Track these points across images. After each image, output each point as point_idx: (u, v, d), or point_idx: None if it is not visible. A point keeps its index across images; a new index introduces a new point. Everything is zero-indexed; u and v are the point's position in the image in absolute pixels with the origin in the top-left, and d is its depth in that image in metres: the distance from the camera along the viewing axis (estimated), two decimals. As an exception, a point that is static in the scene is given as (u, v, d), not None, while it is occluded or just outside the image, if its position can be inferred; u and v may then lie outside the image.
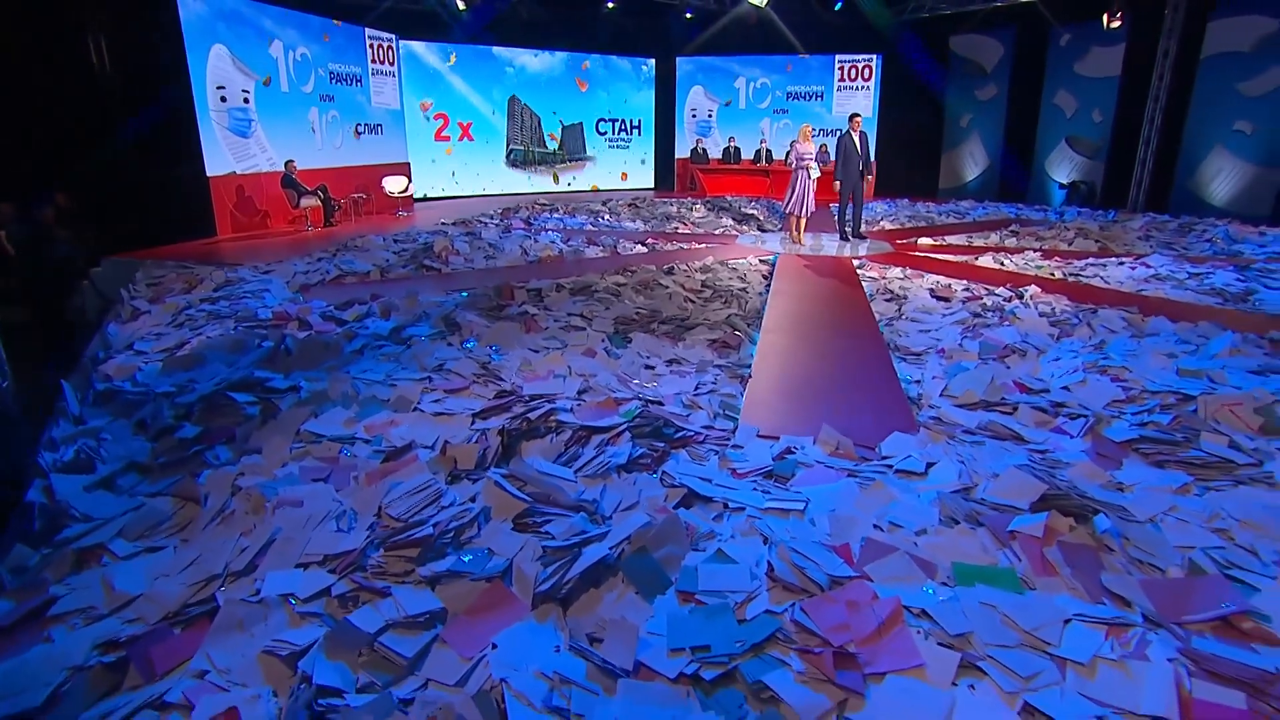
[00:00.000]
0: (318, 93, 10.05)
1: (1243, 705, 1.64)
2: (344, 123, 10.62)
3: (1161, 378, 3.96)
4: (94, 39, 6.99)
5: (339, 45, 10.47)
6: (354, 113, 10.86)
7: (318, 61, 10.05)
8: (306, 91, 9.85)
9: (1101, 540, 2.31)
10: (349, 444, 3.01)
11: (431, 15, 11.79)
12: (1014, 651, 1.82)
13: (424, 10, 11.73)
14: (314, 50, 9.96)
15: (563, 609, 2.03)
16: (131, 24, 7.26)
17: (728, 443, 3.16)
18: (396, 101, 11.86)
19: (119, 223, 6.75)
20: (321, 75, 10.11)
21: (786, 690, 1.69)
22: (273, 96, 9.16)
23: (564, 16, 13.27)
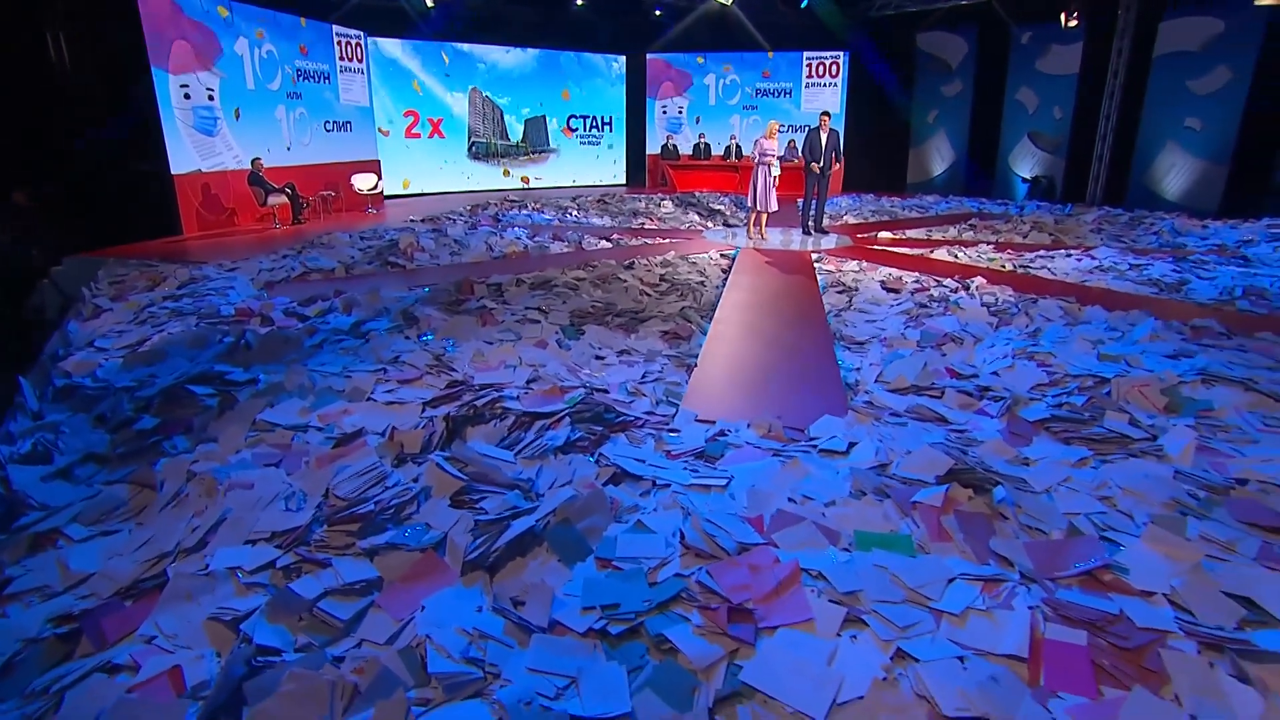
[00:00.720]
0: (284, 90, 10.07)
1: (1083, 641, 1.84)
2: (312, 120, 10.64)
3: (1083, 362, 4.20)
4: (53, 36, 6.97)
5: (306, 42, 10.47)
6: (322, 110, 10.87)
7: (285, 59, 10.06)
8: (273, 89, 9.86)
9: (997, 509, 2.51)
10: (302, 431, 3.15)
11: (400, 12, 11.81)
12: (897, 606, 2.02)
13: (392, 7, 11.74)
14: (281, 47, 9.98)
15: (489, 575, 2.19)
16: (91, 21, 7.24)
17: (666, 427, 3.34)
18: (366, 99, 11.88)
19: (81, 221, 6.76)
20: (288, 73, 10.12)
21: (684, 642, 1.87)
22: (238, 94, 9.17)
23: (533, 13, 13.33)
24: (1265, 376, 3.97)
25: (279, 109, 9.97)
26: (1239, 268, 6.89)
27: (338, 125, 11.19)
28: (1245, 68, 10.71)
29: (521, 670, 1.80)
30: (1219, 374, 3.92)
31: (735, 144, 14.08)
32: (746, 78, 15.29)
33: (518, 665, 1.82)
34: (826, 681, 1.74)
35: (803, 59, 14.84)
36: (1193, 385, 3.88)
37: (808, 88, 14.92)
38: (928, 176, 15.17)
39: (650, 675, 1.78)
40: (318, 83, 10.71)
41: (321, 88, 10.81)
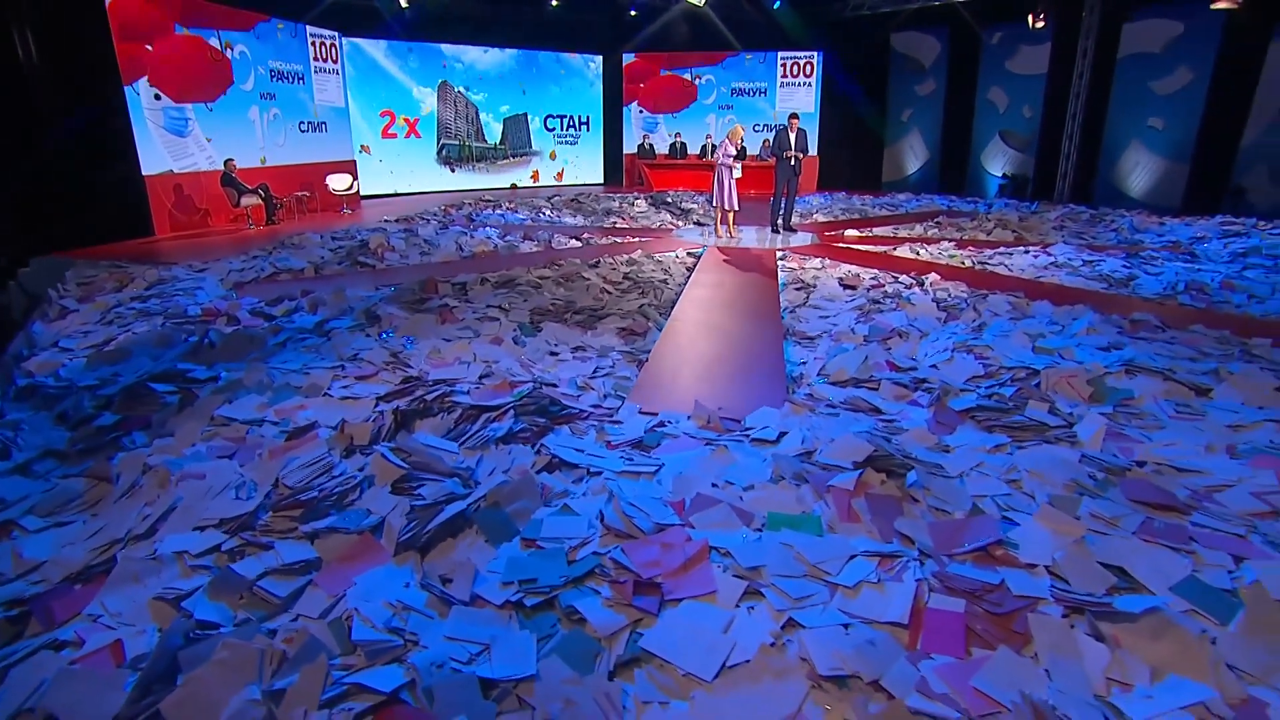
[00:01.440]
0: (258, 90, 10.13)
1: (960, 609, 2.01)
2: (286, 120, 10.69)
3: (1019, 355, 4.39)
4: (20, 36, 6.98)
5: (280, 43, 10.52)
6: (296, 111, 10.93)
7: (258, 59, 10.11)
8: (246, 89, 9.92)
9: (908, 492, 2.68)
10: (258, 426, 3.27)
11: (374, 12, 11.86)
12: (796, 580, 2.17)
13: (366, 6, 11.79)
14: (253, 48, 10.03)
15: (421, 555, 2.33)
16: (59, 23, 7.26)
17: (609, 419, 3.49)
18: (341, 99, 11.95)
19: (50, 223, 6.81)
20: (262, 73, 10.18)
21: (592, 613, 2.02)
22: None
23: (509, 13, 13.41)
24: (1185, 367, 4.18)
25: (252, 110, 10.02)
26: (1185, 264, 7.13)
27: (312, 126, 11.25)
28: (1204, 69, 11.01)
29: (439, 638, 1.95)
30: (1142, 365, 4.12)
31: (710, 143, 14.26)
32: (722, 77, 15.47)
33: (437, 634, 1.97)
34: (719, 647, 1.90)
35: (777, 59, 15.03)
36: (1117, 376, 4.07)
37: (783, 87, 15.12)
38: (903, 174, 15.43)
39: (558, 642, 1.93)
40: (292, 83, 10.77)
41: (295, 88, 10.87)
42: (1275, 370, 4.10)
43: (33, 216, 6.79)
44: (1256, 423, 3.51)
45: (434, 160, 13.85)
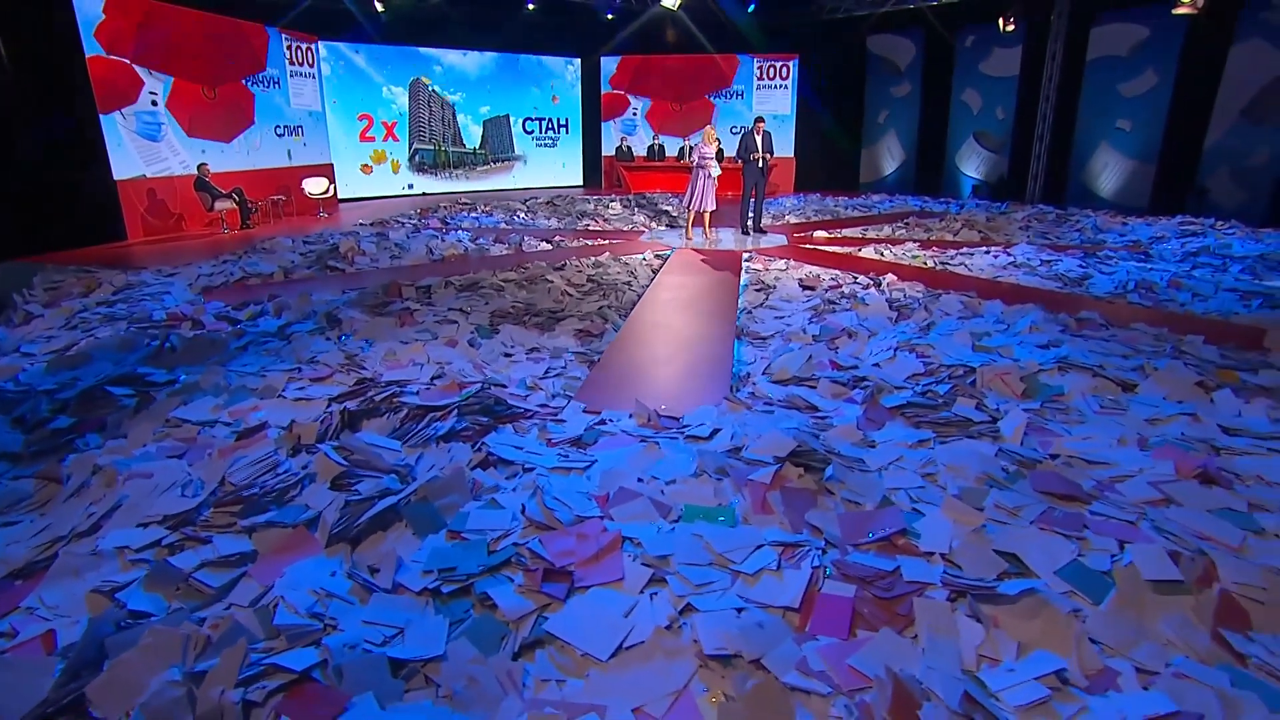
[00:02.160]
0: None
1: (850, 595, 2.14)
2: (262, 125, 10.74)
3: (959, 353, 4.53)
4: None
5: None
6: (272, 115, 10.99)
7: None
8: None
9: (824, 485, 2.82)
10: (209, 427, 3.38)
11: (349, 15, 11.90)
12: (701, 568, 2.30)
13: (341, 10, 11.82)
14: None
15: (351, 546, 2.45)
16: (25, 30, 7.31)
17: (554, 417, 3.61)
18: (317, 103, 12.02)
19: (20, 228, 6.87)
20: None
21: (503, 598, 2.14)
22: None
23: (486, 16, 13.46)
24: (1116, 364, 4.34)
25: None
26: (1139, 263, 7.31)
27: (289, 130, 11.31)
28: (1168, 71, 11.24)
29: (357, 623, 2.07)
30: (1073, 362, 4.27)
31: (689, 145, 14.41)
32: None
33: (355, 619, 2.09)
34: (617, 630, 2.03)
35: (754, 62, 15.18)
36: (1050, 373, 4.23)
37: (759, 89, 15.27)
38: (880, 175, 15.61)
39: (468, 626, 2.06)
40: (267, 88, 10.83)
41: (272, 93, 10.93)
42: (1200, 366, 4.27)
43: (2, 222, 6.85)
44: (1172, 416, 3.68)
45: (413, 162, 13.88)
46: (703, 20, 13.69)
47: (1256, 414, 3.71)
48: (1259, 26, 10.14)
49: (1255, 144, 10.42)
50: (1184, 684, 1.88)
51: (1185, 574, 2.28)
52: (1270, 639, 2.05)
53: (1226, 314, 5.73)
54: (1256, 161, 10.45)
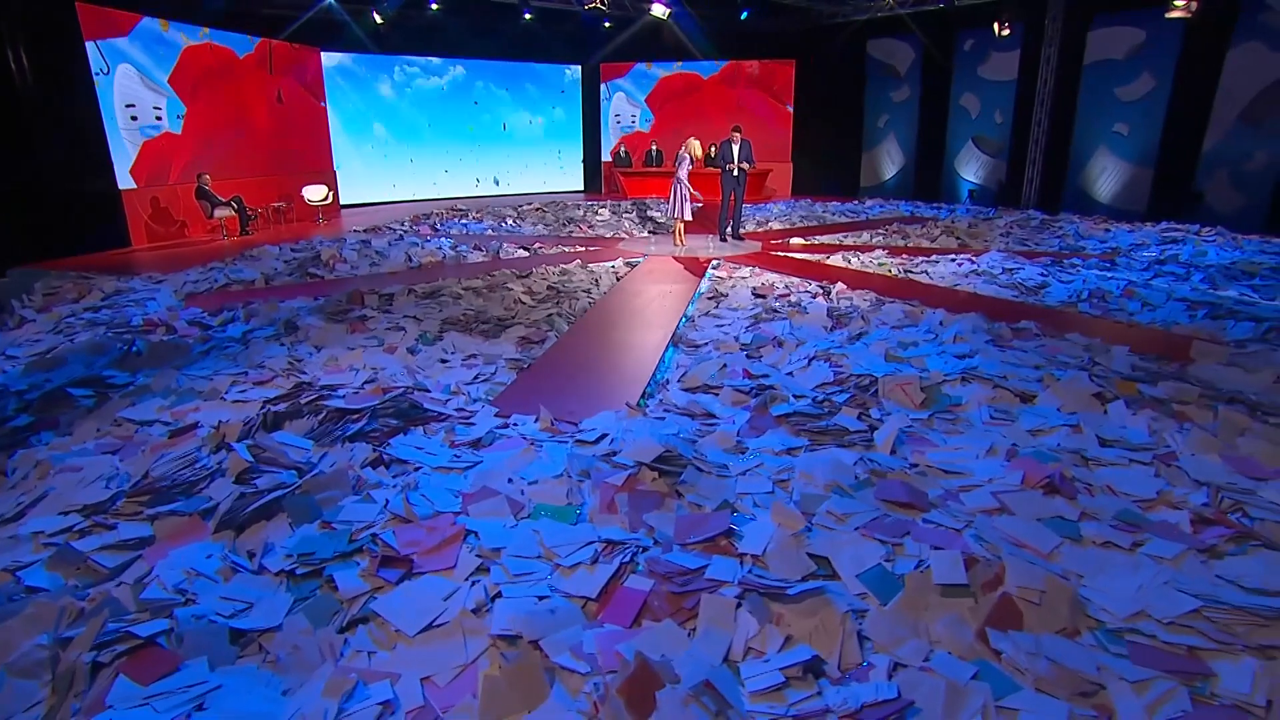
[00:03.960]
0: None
1: (646, 589, 2.38)
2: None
3: (871, 363, 4.70)
4: (15, 56, 7.60)
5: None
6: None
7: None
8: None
9: (675, 488, 3.05)
10: (148, 425, 3.75)
11: (350, 27, 12.35)
12: (527, 560, 2.57)
13: (341, 23, 12.24)
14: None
15: (236, 533, 2.77)
16: (35, 46, 7.86)
17: (466, 420, 3.90)
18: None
19: (31, 235, 7.44)
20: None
21: (345, 580, 2.43)
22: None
23: (485, 25, 13.81)
24: (1026, 374, 4.46)
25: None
26: (1100, 271, 7.32)
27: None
28: (1166, 75, 11.09)
29: (215, 598, 2.38)
30: (978, 373, 4.41)
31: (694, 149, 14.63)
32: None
33: (214, 594, 2.40)
34: (431, 611, 2.30)
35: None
36: (953, 383, 4.38)
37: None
38: (880, 180, 15.61)
39: (308, 603, 2.35)
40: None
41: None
42: (1107, 378, 4.37)
43: (16, 229, 7.43)
44: (1056, 427, 3.81)
45: (413, 168, 14.31)
46: (698, 27, 13.89)
47: (1140, 425, 3.82)
48: (1256, 29, 9.97)
49: (1253, 148, 10.25)
50: (923, 676, 2.08)
51: (974, 578, 2.46)
52: (1025, 637, 2.23)
53: (1169, 324, 5.78)
54: (1255, 166, 10.28)
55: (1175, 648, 2.23)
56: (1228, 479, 3.26)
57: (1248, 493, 3.15)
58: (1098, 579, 2.57)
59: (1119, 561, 2.68)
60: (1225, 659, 2.19)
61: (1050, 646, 2.20)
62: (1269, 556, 2.70)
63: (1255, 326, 5.50)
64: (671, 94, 15.36)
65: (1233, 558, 2.73)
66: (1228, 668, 2.15)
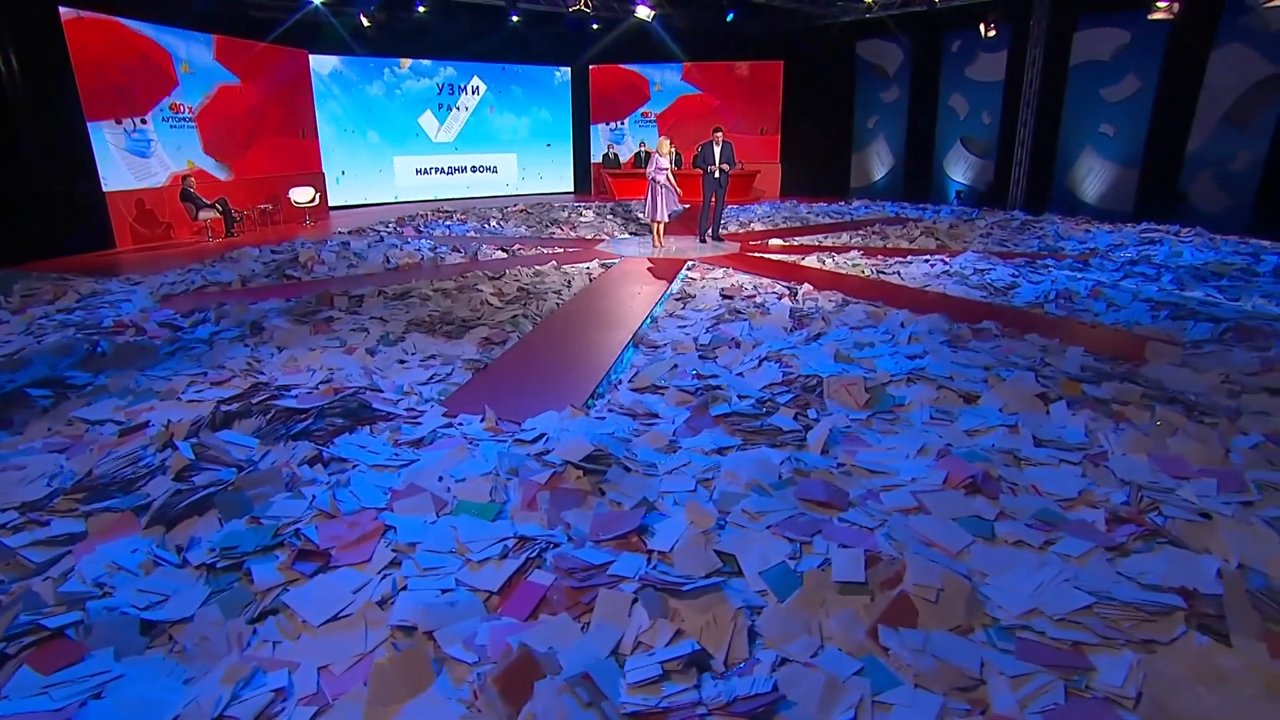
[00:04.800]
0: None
1: (547, 584, 2.45)
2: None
3: (821, 364, 4.75)
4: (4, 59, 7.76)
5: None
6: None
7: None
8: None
9: (598, 486, 3.12)
10: (99, 425, 3.84)
11: (339, 29, 12.45)
12: (440, 555, 2.64)
13: (328, 24, 12.34)
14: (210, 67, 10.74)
15: (166, 529, 2.85)
16: (18, 50, 8.01)
17: (413, 420, 3.98)
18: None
19: (15, 237, 7.58)
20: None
21: (261, 574, 2.51)
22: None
23: (473, 27, 13.91)
24: (974, 375, 4.50)
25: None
26: (1071, 272, 7.34)
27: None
28: (1151, 76, 11.07)
29: (133, 591, 2.47)
30: (923, 374, 4.46)
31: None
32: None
33: (132, 587, 2.48)
34: (338, 602, 2.38)
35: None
36: (899, 383, 4.43)
37: (747, 96, 15.45)
38: (870, 181, 15.62)
39: (223, 595, 2.44)
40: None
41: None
42: (1054, 379, 4.41)
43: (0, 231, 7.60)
44: (992, 428, 3.86)
45: (401, 169, 14.40)
46: (685, 29, 13.95)
47: (1078, 425, 3.87)
48: (1239, 31, 9.95)
49: (1237, 148, 10.22)
50: (805, 671, 2.14)
51: (874, 576, 2.52)
52: (915, 634, 2.28)
53: (1131, 325, 5.80)
54: (1238, 166, 10.26)
55: (1061, 643, 2.28)
56: (1151, 478, 3.30)
57: (1167, 491, 3.19)
58: (1002, 577, 2.62)
59: (1027, 560, 2.72)
60: (1107, 653, 2.24)
61: (939, 643, 2.25)
62: (1172, 553, 2.74)
63: (1213, 327, 5.52)
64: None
65: (1139, 555, 2.77)
66: (1108, 661, 2.20)
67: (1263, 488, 3.20)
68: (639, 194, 14.40)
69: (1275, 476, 3.28)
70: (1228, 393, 4.33)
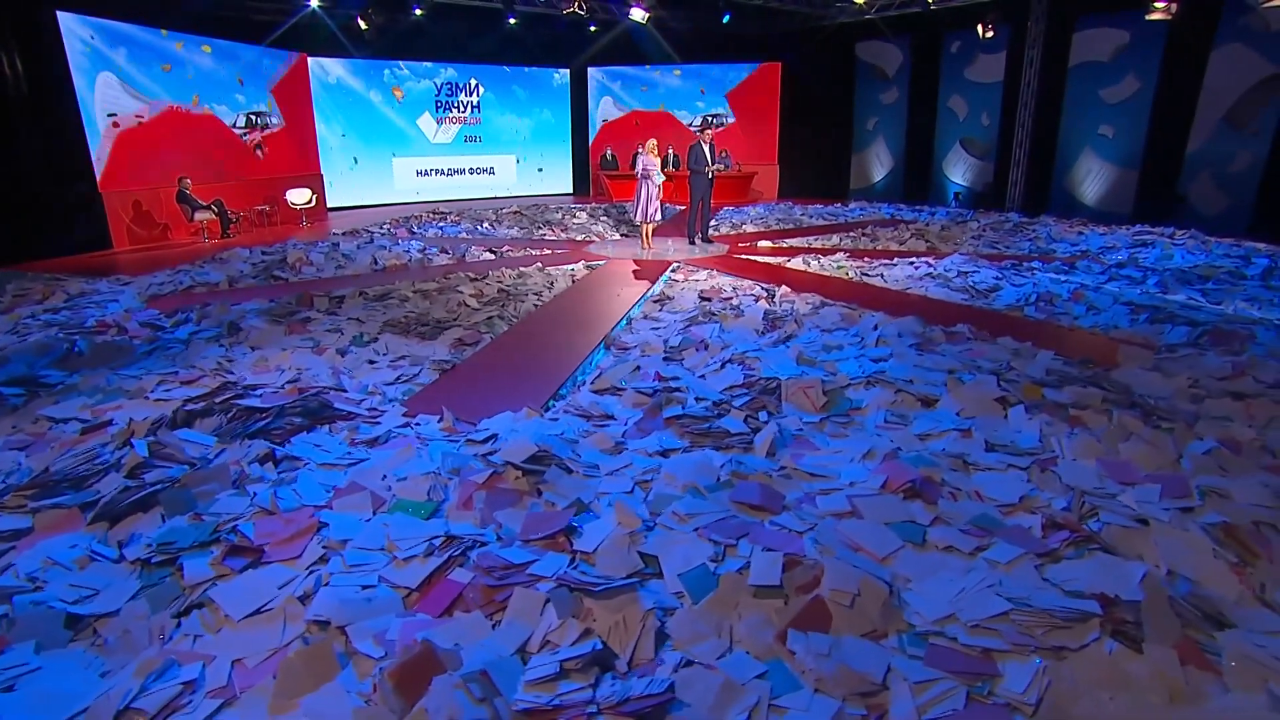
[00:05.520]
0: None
1: (464, 581, 2.49)
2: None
3: (784, 366, 4.76)
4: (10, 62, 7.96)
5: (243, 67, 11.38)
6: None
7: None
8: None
9: (536, 486, 3.16)
10: (63, 423, 3.94)
11: (336, 32, 12.58)
12: (369, 552, 2.69)
13: (325, 27, 12.47)
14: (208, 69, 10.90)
15: (110, 525, 2.93)
16: (15, 53, 8.21)
17: (373, 420, 4.05)
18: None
19: (13, 237, 7.76)
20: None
21: (192, 569, 2.57)
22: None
23: (472, 28, 14.02)
24: (935, 379, 4.49)
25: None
26: (1055, 275, 7.28)
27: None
28: (1150, 76, 10.94)
29: (65, 585, 2.54)
30: (881, 377, 4.46)
31: (672, 154, 14.71)
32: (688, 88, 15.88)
33: (64, 581, 2.56)
34: (262, 597, 2.43)
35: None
36: (858, 387, 4.44)
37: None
38: (869, 183, 15.55)
39: (152, 590, 2.50)
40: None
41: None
42: (1016, 382, 4.39)
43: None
44: (945, 431, 3.85)
45: (401, 171, 14.51)
46: (683, 30, 13.97)
47: (1034, 430, 3.85)
48: (1238, 31, 9.81)
49: (1237, 150, 10.08)
50: (706, 673, 2.16)
51: (791, 580, 2.54)
52: (823, 639, 2.29)
53: (1109, 328, 5.76)
54: (1238, 167, 10.12)
55: (971, 650, 2.28)
56: (1096, 484, 3.29)
57: (1109, 497, 3.18)
58: (925, 583, 2.62)
59: (953, 566, 2.72)
60: (1016, 660, 2.24)
61: (847, 648, 2.26)
62: (1101, 560, 2.73)
63: (1190, 331, 5.47)
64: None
65: (1069, 561, 2.76)
66: (1015, 668, 2.21)
67: (1206, 494, 3.18)
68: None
69: (1222, 482, 3.26)
70: (1191, 397, 4.30)
